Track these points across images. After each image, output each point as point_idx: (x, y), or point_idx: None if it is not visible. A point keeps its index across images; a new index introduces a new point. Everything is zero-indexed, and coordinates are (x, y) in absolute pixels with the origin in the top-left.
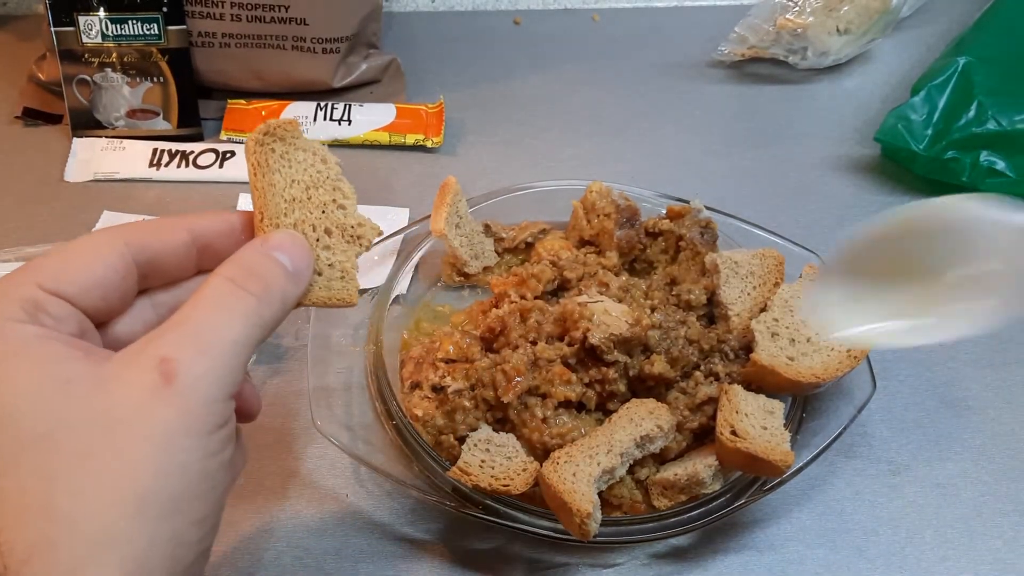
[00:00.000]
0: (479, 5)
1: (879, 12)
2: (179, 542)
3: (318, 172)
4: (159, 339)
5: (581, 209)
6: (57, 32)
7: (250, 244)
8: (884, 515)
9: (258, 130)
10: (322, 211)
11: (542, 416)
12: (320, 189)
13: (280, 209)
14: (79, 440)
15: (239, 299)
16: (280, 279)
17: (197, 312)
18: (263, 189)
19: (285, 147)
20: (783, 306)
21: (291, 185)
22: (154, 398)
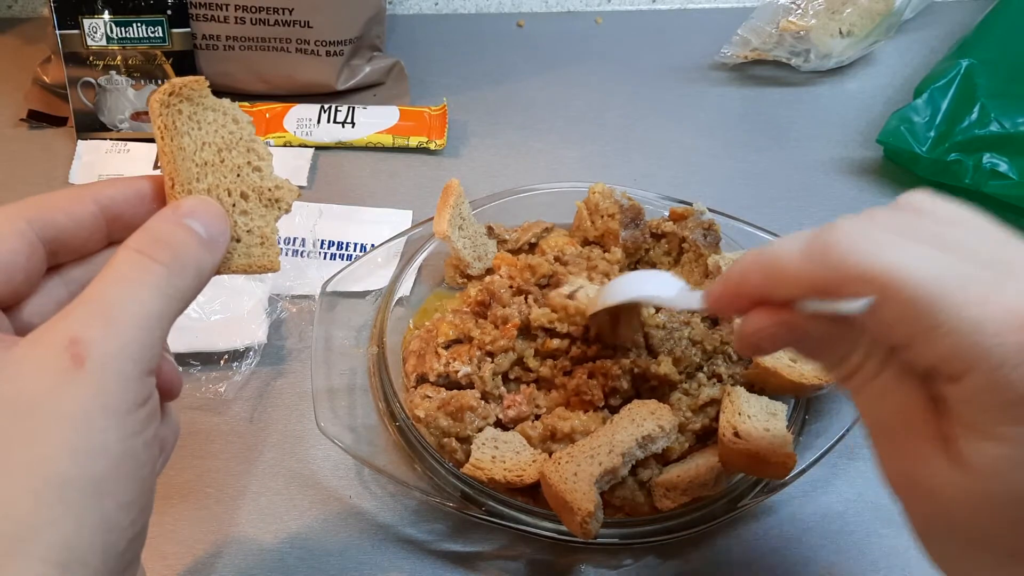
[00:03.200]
0: (482, 8)
1: (882, 14)
2: (109, 527)
3: (230, 133)
4: (66, 318)
5: (585, 210)
6: (62, 35)
7: (160, 213)
8: (887, 517)
9: (162, 89)
10: (236, 175)
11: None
12: (233, 151)
13: (191, 174)
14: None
15: (148, 271)
16: (193, 247)
17: (104, 287)
18: (172, 153)
19: (193, 107)
20: None
21: (202, 148)
22: (65, 380)
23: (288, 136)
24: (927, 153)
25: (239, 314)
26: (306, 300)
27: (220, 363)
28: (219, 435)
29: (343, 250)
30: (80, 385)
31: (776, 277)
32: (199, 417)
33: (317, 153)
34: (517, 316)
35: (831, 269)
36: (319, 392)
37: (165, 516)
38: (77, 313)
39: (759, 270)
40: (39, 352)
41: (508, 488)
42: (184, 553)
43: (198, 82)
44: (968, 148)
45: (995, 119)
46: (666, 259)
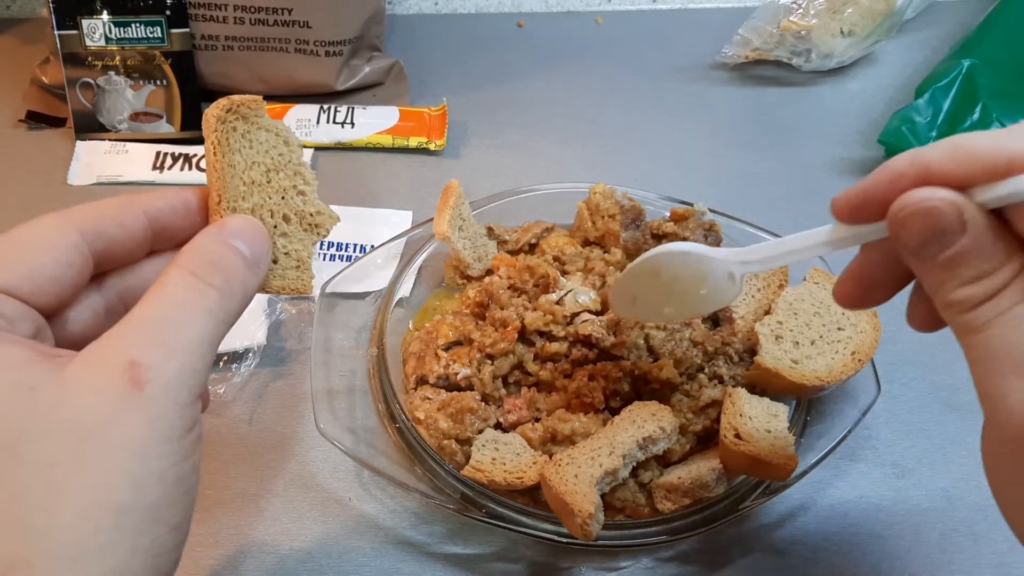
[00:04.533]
0: (482, 8)
1: (883, 14)
2: (159, 551)
3: (280, 155)
4: (123, 339)
5: (586, 210)
6: (61, 35)
7: (207, 231)
8: (889, 518)
9: (219, 105)
10: (282, 197)
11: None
12: (281, 173)
13: (239, 192)
14: (47, 451)
15: (202, 294)
16: (240, 269)
17: (160, 309)
18: (222, 170)
19: (248, 126)
20: (787, 309)
21: (251, 167)
22: (125, 405)
23: None
24: None
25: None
26: (305, 301)
27: (219, 364)
28: (218, 437)
29: (343, 251)
30: (139, 411)
31: (930, 170)
32: None
33: (316, 154)
34: (515, 318)
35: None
36: (319, 393)
37: None
38: (134, 334)
39: (910, 165)
40: (98, 374)
41: (508, 490)
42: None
43: (256, 101)
44: None
45: (997, 119)
46: None
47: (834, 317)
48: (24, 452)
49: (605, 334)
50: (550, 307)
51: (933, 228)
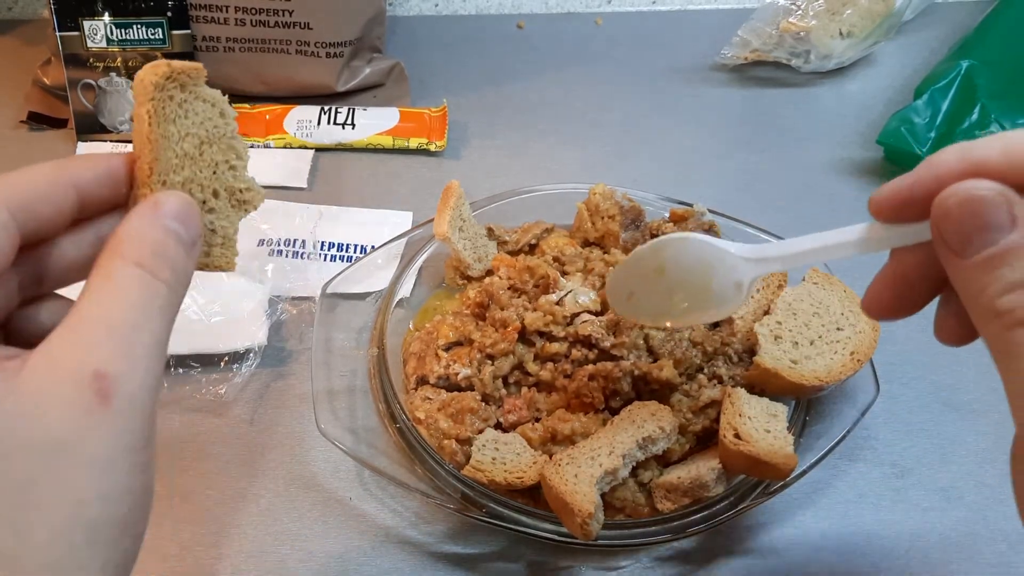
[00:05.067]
0: (482, 9)
1: (882, 15)
2: (127, 560)
3: (215, 127)
4: (82, 346)
5: (585, 211)
6: (62, 37)
7: (142, 212)
8: (888, 518)
9: (157, 71)
10: (213, 171)
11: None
12: (214, 146)
13: (170, 164)
14: (17, 470)
15: (155, 292)
16: (182, 257)
17: (115, 311)
18: (155, 141)
19: (185, 95)
20: (787, 309)
21: (184, 138)
22: (92, 420)
23: (288, 138)
24: (927, 154)
25: (239, 316)
26: (306, 302)
27: (220, 365)
28: (219, 437)
29: (343, 252)
30: (107, 425)
31: (980, 166)
32: (199, 419)
33: (317, 155)
34: (516, 318)
35: None
36: (319, 394)
37: (166, 518)
38: (93, 340)
39: (959, 160)
40: (62, 386)
41: (508, 490)
42: (185, 555)
43: (196, 70)
44: None
45: (995, 120)
46: None
47: (833, 317)
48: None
49: (605, 334)
50: (550, 307)
51: (980, 220)
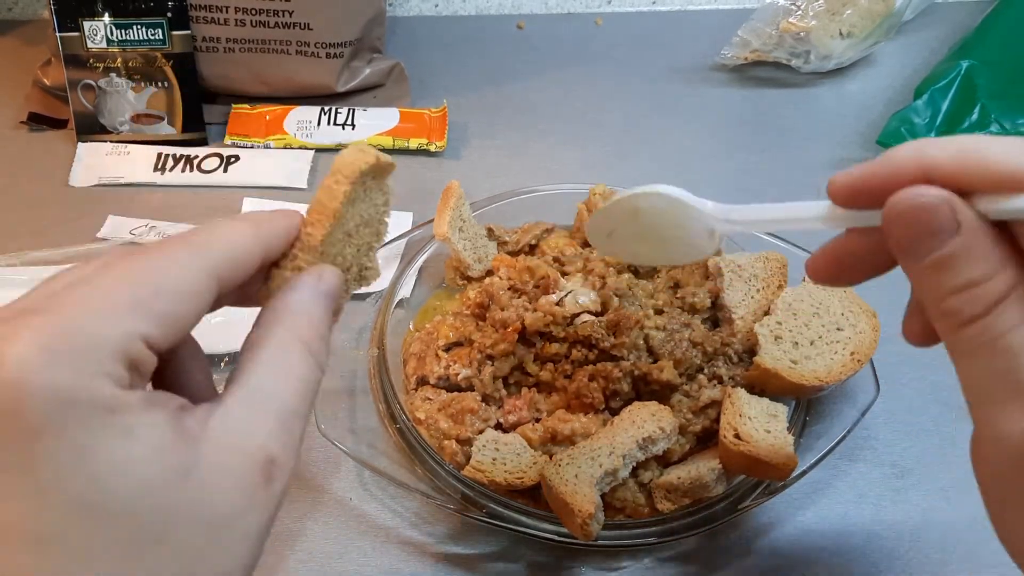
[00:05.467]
0: (482, 9)
1: (882, 15)
2: None
3: (375, 211)
4: (257, 426)
5: (586, 211)
6: (62, 37)
7: (310, 284)
8: (888, 519)
9: (368, 160)
10: (357, 249)
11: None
12: (366, 228)
13: (336, 239)
14: (191, 542)
15: (316, 380)
16: (330, 335)
17: (288, 396)
18: (336, 218)
19: (373, 183)
20: (787, 309)
21: (353, 218)
22: (256, 500)
23: (288, 138)
24: None
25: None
26: None
27: (221, 365)
28: None
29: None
30: (264, 507)
31: (932, 169)
32: None
33: (317, 155)
34: (516, 319)
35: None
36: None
37: None
38: (268, 425)
39: (913, 160)
40: (239, 464)
41: (509, 490)
42: None
43: (392, 166)
44: None
45: (995, 120)
46: None
47: (833, 318)
48: (172, 541)
49: (605, 335)
50: (550, 308)
51: (926, 225)
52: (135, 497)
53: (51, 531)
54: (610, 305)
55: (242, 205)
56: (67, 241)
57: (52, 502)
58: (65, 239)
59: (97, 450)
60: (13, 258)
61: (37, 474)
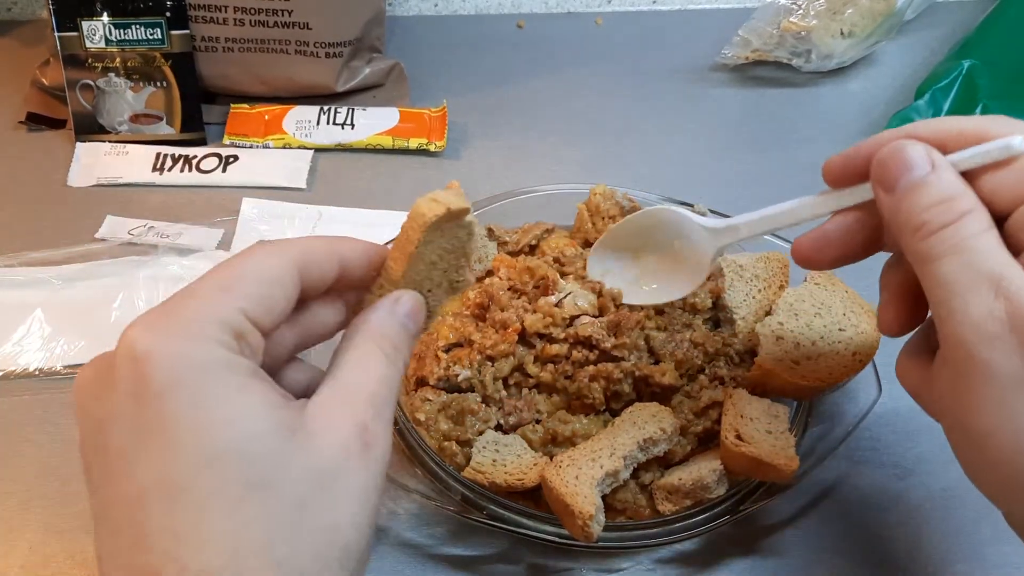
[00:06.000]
0: (482, 9)
1: (883, 15)
2: None
3: (458, 240)
4: (354, 405)
5: (586, 212)
6: (61, 37)
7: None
8: (890, 520)
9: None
10: (445, 271)
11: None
12: (452, 254)
13: (416, 269)
14: (297, 492)
15: (395, 376)
16: (408, 346)
17: (373, 385)
18: (414, 258)
19: (451, 225)
20: (788, 310)
21: (434, 252)
22: (358, 460)
23: (287, 138)
24: None
25: None
26: None
27: None
28: None
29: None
30: (366, 467)
31: (912, 134)
32: None
33: (316, 155)
34: (515, 319)
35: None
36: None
37: None
38: (360, 402)
39: (896, 132)
40: (339, 429)
41: (509, 491)
42: None
43: (467, 210)
44: None
45: None
46: None
47: (835, 318)
48: (280, 489)
49: (605, 335)
50: (549, 309)
51: (904, 162)
52: (247, 442)
53: (182, 482)
54: (608, 309)
55: (241, 205)
56: (65, 241)
57: (180, 454)
58: (63, 239)
59: (214, 402)
60: (11, 258)
61: (165, 428)
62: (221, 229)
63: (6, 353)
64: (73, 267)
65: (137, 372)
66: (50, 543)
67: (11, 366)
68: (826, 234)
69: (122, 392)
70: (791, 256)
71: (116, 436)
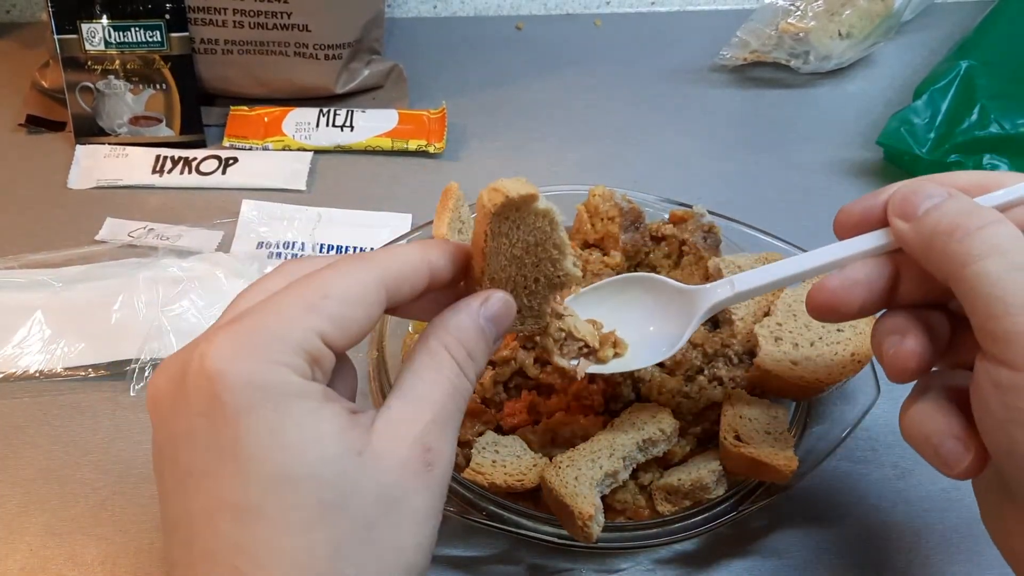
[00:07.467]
0: (481, 11)
1: (881, 16)
2: None
3: (542, 232)
4: (418, 422)
5: (585, 213)
6: (60, 40)
7: (471, 308)
8: (889, 520)
9: (496, 201)
10: (536, 265)
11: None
12: (539, 247)
13: (499, 266)
14: (366, 513)
15: (465, 389)
16: (485, 353)
17: (440, 398)
18: (488, 253)
19: (519, 214)
20: (786, 310)
21: (515, 245)
22: (420, 482)
23: (287, 140)
24: (927, 155)
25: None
26: None
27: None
28: None
29: (343, 254)
30: (427, 488)
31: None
32: None
33: (316, 157)
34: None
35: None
36: None
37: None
38: (426, 419)
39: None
40: (403, 450)
41: (508, 492)
42: None
43: (531, 197)
44: (968, 150)
45: (995, 120)
46: (666, 262)
47: None
48: (350, 511)
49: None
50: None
51: (926, 193)
52: (320, 465)
53: (253, 502)
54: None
55: (241, 207)
56: (65, 243)
57: (253, 476)
58: (63, 241)
59: (287, 427)
60: (11, 261)
61: (238, 451)
62: (221, 231)
63: (6, 355)
64: (73, 269)
65: (211, 392)
66: (49, 546)
67: (11, 368)
68: (852, 274)
69: (196, 410)
70: (807, 306)
71: (190, 452)
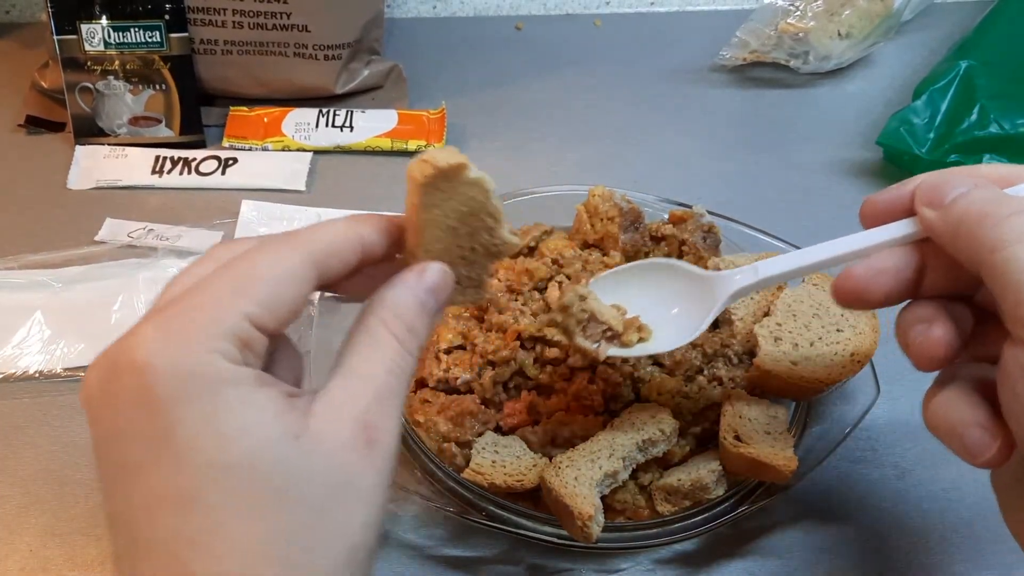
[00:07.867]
0: (481, 11)
1: (881, 16)
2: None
3: (475, 200)
4: (356, 399)
5: (585, 213)
6: (60, 40)
7: (407, 281)
8: (889, 520)
9: (425, 172)
10: (471, 235)
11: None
12: (473, 217)
13: (434, 237)
14: (308, 495)
15: (407, 363)
16: (427, 327)
17: (380, 374)
18: (421, 224)
19: (449, 184)
20: (786, 311)
21: (448, 215)
22: (363, 461)
23: (286, 140)
24: (927, 155)
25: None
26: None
27: None
28: None
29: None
30: (371, 467)
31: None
32: None
33: (316, 157)
34: (513, 321)
35: None
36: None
37: None
38: (365, 396)
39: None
40: (343, 430)
41: (508, 492)
42: None
43: (460, 167)
44: (968, 150)
45: (995, 120)
46: None
47: (833, 319)
48: (294, 496)
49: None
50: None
51: (953, 182)
52: (257, 453)
53: (192, 492)
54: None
55: (240, 207)
56: (65, 244)
57: (189, 465)
58: (63, 242)
59: (220, 415)
60: (11, 261)
61: (173, 441)
62: (220, 231)
63: (6, 355)
64: (73, 269)
65: (142, 384)
66: (49, 546)
67: (11, 368)
68: (878, 263)
69: (128, 403)
70: (832, 293)
71: (126, 446)
